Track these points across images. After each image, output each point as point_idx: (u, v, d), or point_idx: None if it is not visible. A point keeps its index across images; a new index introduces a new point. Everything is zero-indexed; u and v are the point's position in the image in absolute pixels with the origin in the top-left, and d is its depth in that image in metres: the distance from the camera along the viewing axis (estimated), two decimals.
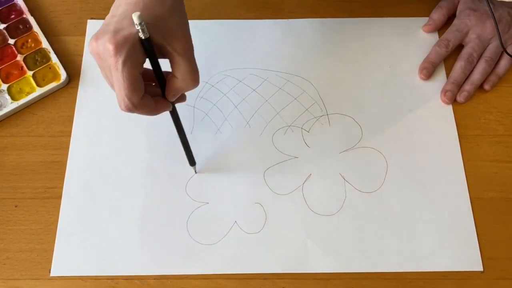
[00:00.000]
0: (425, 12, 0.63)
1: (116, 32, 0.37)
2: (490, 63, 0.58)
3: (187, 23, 0.42)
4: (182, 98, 0.46)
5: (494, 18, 0.55)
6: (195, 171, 0.54)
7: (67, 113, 0.57)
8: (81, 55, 0.60)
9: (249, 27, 0.62)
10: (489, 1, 0.55)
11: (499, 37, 0.56)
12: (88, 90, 0.58)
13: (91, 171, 0.54)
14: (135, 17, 0.36)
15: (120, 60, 0.37)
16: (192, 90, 0.57)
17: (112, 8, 0.41)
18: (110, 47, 0.37)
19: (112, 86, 0.41)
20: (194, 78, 0.41)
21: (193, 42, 0.61)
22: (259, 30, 0.62)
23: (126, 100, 0.38)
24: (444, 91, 0.58)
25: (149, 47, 0.38)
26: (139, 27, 0.36)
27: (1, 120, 0.56)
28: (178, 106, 0.45)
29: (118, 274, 0.49)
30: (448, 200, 0.52)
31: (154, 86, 0.43)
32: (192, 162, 0.52)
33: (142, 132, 0.56)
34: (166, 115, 0.46)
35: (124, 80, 0.37)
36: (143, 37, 0.37)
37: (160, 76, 0.42)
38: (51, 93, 0.58)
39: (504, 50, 0.57)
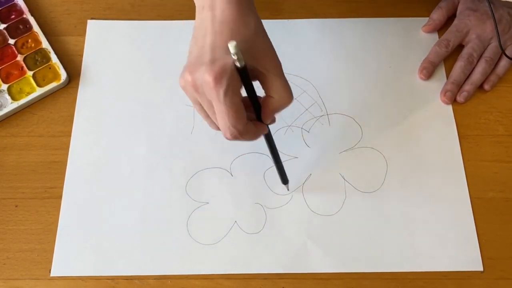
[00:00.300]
0: (425, 12, 0.63)
1: (212, 63, 0.37)
2: (490, 63, 0.58)
3: (271, 41, 0.42)
4: (274, 119, 0.45)
5: (494, 18, 0.55)
6: (288, 189, 0.53)
7: (67, 113, 0.57)
8: (81, 55, 0.60)
9: None
10: (489, 1, 0.55)
11: (498, 38, 0.56)
12: (88, 90, 0.58)
13: (91, 171, 0.54)
14: (231, 47, 0.35)
15: (222, 91, 0.37)
16: None
17: (196, 39, 0.41)
18: (210, 79, 0.36)
19: (206, 118, 0.43)
20: (289, 94, 0.41)
21: None
22: None
23: (232, 128, 0.39)
24: (444, 91, 0.58)
25: (245, 74, 0.38)
26: (235, 56, 0.36)
27: (1, 120, 0.56)
28: (177, 108, 0.45)
29: (118, 274, 0.49)
30: (448, 200, 0.52)
31: (248, 111, 0.42)
32: (285, 180, 0.51)
33: (142, 132, 0.56)
34: (164, 115, 0.45)
35: (228, 110, 0.38)
36: (239, 66, 0.37)
37: (255, 100, 0.42)
38: (51, 93, 0.58)
39: (503, 51, 0.57)
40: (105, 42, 0.61)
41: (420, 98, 0.58)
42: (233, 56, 0.36)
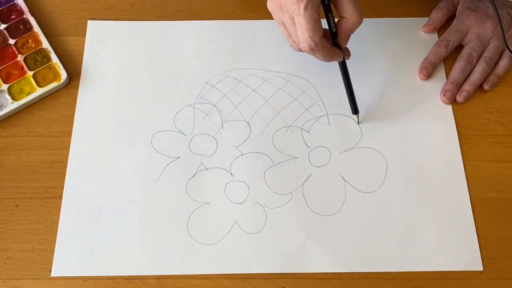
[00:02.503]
0: (425, 12, 0.63)
1: None
2: (489, 63, 0.58)
3: None
4: (348, 53, 0.54)
5: (499, 16, 0.55)
6: (358, 121, 0.56)
7: (67, 113, 0.57)
8: (82, 55, 0.60)
9: (249, 27, 0.62)
10: (490, 0, 0.55)
11: (503, 34, 0.56)
12: (89, 90, 0.58)
13: (91, 171, 0.54)
14: None
15: (302, 5, 0.45)
16: (192, 91, 0.58)
17: None
18: None
19: (289, 38, 0.51)
20: (358, 13, 0.49)
21: (193, 42, 0.61)
22: (259, 30, 0.62)
23: (309, 40, 0.47)
24: (443, 91, 0.58)
25: None
26: None
27: (2, 120, 0.57)
28: (177, 107, 0.45)
29: (119, 274, 0.49)
30: (448, 200, 0.53)
31: (325, 40, 0.50)
32: (355, 110, 0.55)
33: (142, 132, 0.56)
34: (164, 115, 0.45)
35: (306, 22, 0.46)
36: None
37: (331, 24, 0.51)
38: (52, 93, 0.58)
39: (507, 46, 0.57)
40: (105, 43, 0.61)
41: (420, 98, 0.58)
42: None
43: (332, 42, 0.53)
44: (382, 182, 0.53)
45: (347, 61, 0.55)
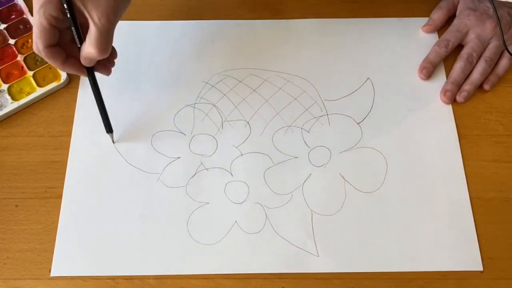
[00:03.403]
0: (425, 12, 0.63)
1: None
2: (489, 63, 0.58)
3: (120, 4, 0.45)
4: (105, 69, 0.51)
5: (497, 16, 0.55)
6: (113, 140, 0.55)
7: (67, 113, 0.57)
8: None
9: (249, 27, 0.62)
10: (490, 0, 0.55)
11: (502, 34, 0.56)
12: (88, 90, 0.58)
13: (91, 171, 0.54)
14: None
15: (36, 8, 0.43)
16: (192, 91, 0.58)
17: None
18: None
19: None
20: (100, 47, 0.45)
21: (193, 43, 0.61)
22: (259, 30, 0.62)
23: (35, 43, 0.45)
24: (443, 91, 0.58)
25: (67, 4, 0.43)
26: None
27: (2, 120, 0.57)
28: (177, 107, 0.45)
29: (119, 274, 0.49)
30: (448, 200, 0.53)
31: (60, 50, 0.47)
32: (109, 129, 0.54)
33: (142, 132, 0.56)
34: (164, 115, 0.45)
35: (35, 25, 0.44)
36: None
37: (79, 38, 0.47)
38: (52, 93, 0.58)
39: (506, 48, 0.57)
40: None
41: (420, 98, 0.58)
42: None
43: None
44: (382, 182, 0.53)
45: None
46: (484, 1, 0.59)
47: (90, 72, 0.50)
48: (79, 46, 0.47)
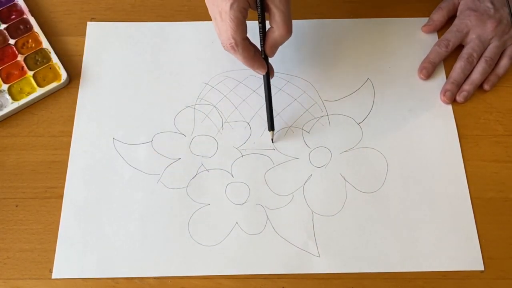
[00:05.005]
0: (425, 12, 0.63)
1: None
2: (490, 63, 0.58)
3: None
4: (272, 71, 0.54)
5: (508, 4, 0.55)
6: (272, 139, 0.55)
7: (67, 113, 0.57)
8: (81, 55, 0.60)
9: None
10: (491, 1, 0.55)
11: (509, 9, 0.56)
12: (89, 90, 0.58)
13: (92, 171, 0.54)
14: None
15: (229, 4, 0.46)
16: (192, 92, 0.58)
17: None
18: None
19: (220, 34, 0.50)
20: (287, 27, 0.49)
21: (193, 43, 0.61)
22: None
23: (231, 38, 0.48)
24: (443, 91, 0.58)
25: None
26: None
27: (2, 120, 0.56)
28: (177, 108, 0.45)
29: (119, 276, 0.49)
30: (448, 200, 0.53)
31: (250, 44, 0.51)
32: (271, 127, 0.54)
33: (142, 132, 0.56)
34: (164, 115, 0.45)
35: (230, 20, 0.47)
36: None
37: (263, 31, 0.51)
38: (52, 93, 0.58)
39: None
40: (105, 43, 0.61)
41: (420, 98, 0.58)
42: None
43: (261, 53, 0.53)
44: (382, 182, 0.53)
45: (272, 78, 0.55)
46: (484, 1, 0.59)
47: (268, 71, 0.53)
48: (261, 36, 0.52)
